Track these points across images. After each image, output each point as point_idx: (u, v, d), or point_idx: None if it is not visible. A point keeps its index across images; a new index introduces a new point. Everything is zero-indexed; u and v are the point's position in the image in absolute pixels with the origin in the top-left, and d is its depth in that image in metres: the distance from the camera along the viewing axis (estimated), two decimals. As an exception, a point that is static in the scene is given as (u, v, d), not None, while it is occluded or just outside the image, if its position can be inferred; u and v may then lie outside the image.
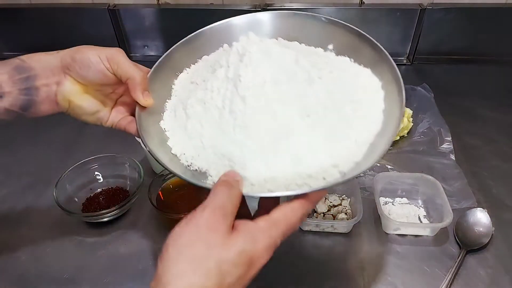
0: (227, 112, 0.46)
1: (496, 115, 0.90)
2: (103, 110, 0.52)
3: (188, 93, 0.51)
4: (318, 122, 0.45)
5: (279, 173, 0.43)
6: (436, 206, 0.67)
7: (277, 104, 0.44)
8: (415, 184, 0.71)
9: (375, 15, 1.04)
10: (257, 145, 0.44)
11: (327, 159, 0.43)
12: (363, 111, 0.47)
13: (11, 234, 0.68)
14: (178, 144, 0.48)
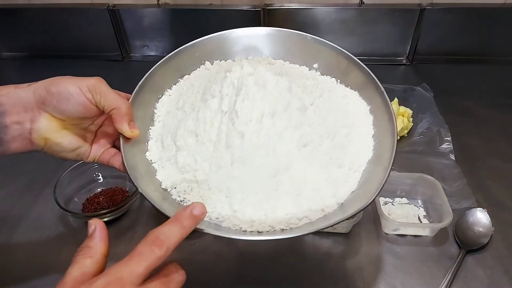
0: (223, 146, 0.45)
1: (496, 115, 0.90)
2: (84, 145, 0.48)
3: (177, 123, 0.49)
4: (314, 151, 0.45)
5: (280, 208, 0.42)
6: (436, 206, 0.67)
7: (275, 137, 0.44)
8: (414, 184, 0.71)
9: (374, 15, 1.04)
10: (256, 179, 0.43)
11: (324, 189, 0.44)
12: (354, 136, 0.48)
13: (10, 234, 0.68)
14: (169, 178, 0.46)
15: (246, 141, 0.44)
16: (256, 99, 0.46)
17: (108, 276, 0.32)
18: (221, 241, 0.66)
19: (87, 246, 0.35)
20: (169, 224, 0.35)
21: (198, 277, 0.61)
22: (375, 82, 0.50)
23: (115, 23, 1.10)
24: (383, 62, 1.11)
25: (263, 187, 0.43)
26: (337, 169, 0.45)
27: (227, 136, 0.45)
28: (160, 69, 0.53)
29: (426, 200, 0.70)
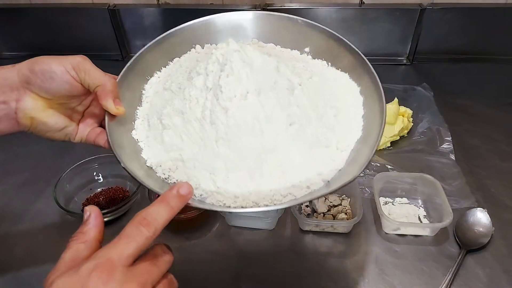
0: (207, 123, 0.44)
1: (496, 115, 0.90)
2: (70, 125, 0.48)
3: (163, 102, 0.49)
4: (301, 131, 0.44)
5: (264, 185, 0.42)
6: (436, 206, 0.67)
7: (261, 115, 0.44)
8: (414, 183, 0.71)
9: (375, 15, 1.04)
10: (241, 157, 0.43)
11: (311, 168, 0.43)
12: (343, 116, 0.47)
13: (10, 233, 0.68)
14: (154, 156, 0.46)
15: (230, 118, 0.43)
16: (241, 75, 0.45)
17: (97, 259, 0.32)
18: (221, 240, 0.66)
19: (81, 231, 0.35)
20: (156, 205, 0.35)
21: (198, 276, 0.61)
22: (365, 64, 0.49)
23: (115, 23, 1.10)
24: (383, 62, 1.11)
25: (248, 165, 0.43)
26: (325, 149, 0.45)
27: (212, 112, 0.44)
28: (149, 52, 0.53)
29: (426, 199, 0.70)
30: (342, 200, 0.70)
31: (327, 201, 0.70)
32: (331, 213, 0.68)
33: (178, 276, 0.61)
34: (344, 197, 0.71)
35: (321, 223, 0.65)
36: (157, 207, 0.35)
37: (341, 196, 0.71)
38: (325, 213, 0.69)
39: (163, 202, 0.35)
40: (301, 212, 0.69)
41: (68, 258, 0.34)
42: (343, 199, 0.70)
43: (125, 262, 0.32)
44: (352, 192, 0.69)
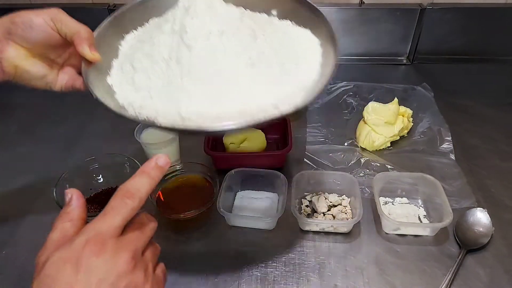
0: (174, 62, 0.48)
1: (496, 115, 0.90)
2: (51, 73, 0.52)
3: (135, 50, 0.52)
4: (262, 72, 0.48)
5: (224, 113, 0.45)
6: (436, 206, 0.67)
7: (223, 53, 0.47)
8: (415, 183, 0.71)
9: (375, 15, 1.04)
10: (203, 91, 0.46)
11: (269, 101, 0.46)
12: (302, 62, 0.51)
13: (10, 233, 0.68)
14: (126, 97, 0.49)
15: (194, 55, 0.47)
16: (205, 18, 0.48)
17: (87, 233, 0.33)
18: (221, 240, 0.66)
19: (65, 212, 0.36)
20: (137, 177, 0.37)
21: (198, 276, 0.61)
22: (324, 19, 0.53)
23: (115, 23, 1.09)
24: (383, 62, 1.11)
25: (210, 98, 0.46)
26: (284, 87, 0.48)
27: (177, 51, 0.48)
28: (128, 12, 0.56)
29: (426, 199, 0.70)
30: (342, 200, 0.70)
31: (327, 200, 0.70)
32: (331, 213, 0.68)
33: (178, 276, 0.61)
34: (344, 197, 0.71)
35: (321, 223, 0.65)
36: (139, 179, 0.36)
37: (341, 196, 0.71)
38: (325, 213, 0.69)
39: (144, 173, 0.37)
40: (301, 212, 0.69)
41: (55, 237, 0.35)
42: (343, 199, 0.70)
43: (114, 233, 0.34)
44: (352, 192, 0.69)
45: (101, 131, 0.90)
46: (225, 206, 0.68)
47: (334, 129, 0.87)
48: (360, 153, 0.81)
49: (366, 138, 0.81)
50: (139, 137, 0.74)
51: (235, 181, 0.73)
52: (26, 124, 0.93)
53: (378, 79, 1.03)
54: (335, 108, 0.94)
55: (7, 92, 1.04)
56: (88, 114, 0.96)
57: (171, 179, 0.74)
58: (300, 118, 0.90)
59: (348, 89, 0.99)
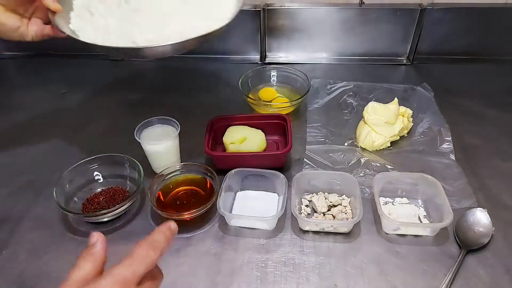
0: (123, 3, 0.66)
1: (496, 115, 0.90)
2: (23, 25, 0.65)
3: (89, 0, 0.67)
4: (193, 7, 0.66)
5: (167, 38, 0.60)
6: (436, 206, 0.67)
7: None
8: (415, 184, 0.71)
9: (375, 15, 1.04)
10: (150, 24, 0.63)
11: (200, 25, 0.62)
12: (219, 5, 0.68)
13: (11, 233, 0.68)
14: (89, 37, 0.63)
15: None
16: None
17: (114, 276, 0.35)
18: (221, 240, 0.66)
19: (89, 253, 0.39)
20: (156, 234, 0.40)
21: (198, 276, 0.61)
22: None
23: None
24: (383, 62, 1.11)
25: (155, 28, 0.63)
26: (213, 20, 0.64)
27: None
28: None
29: (426, 200, 0.70)
30: (342, 200, 0.70)
31: (327, 200, 0.70)
32: (331, 213, 0.68)
33: (179, 276, 0.61)
34: (344, 197, 0.71)
35: (321, 223, 0.65)
36: (158, 235, 0.40)
37: (341, 196, 0.71)
38: (325, 213, 0.69)
39: (161, 233, 0.41)
40: (301, 212, 0.69)
41: (78, 276, 0.36)
42: (343, 199, 0.70)
43: (136, 281, 0.36)
44: (352, 192, 0.69)
45: (101, 131, 0.90)
46: (225, 206, 0.68)
47: (334, 129, 0.87)
48: (360, 153, 0.81)
49: (366, 138, 0.81)
50: (139, 137, 0.74)
51: (235, 181, 0.73)
52: (26, 124, 0.93)
53: (378, 79, 1.03)
54: (335, 108, 0.94)
55: (7, 92, 1.04)
56: (88, 113, 0.96)
57: (171, 179, 0.74)
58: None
59: (348, 89, 0.99)
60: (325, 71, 1.09)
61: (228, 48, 1.13)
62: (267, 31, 1.08)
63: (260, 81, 1.01)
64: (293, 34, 1.09)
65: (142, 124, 0.76)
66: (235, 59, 1.14)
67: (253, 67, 1.00)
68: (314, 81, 1.02)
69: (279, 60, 1.13)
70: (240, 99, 0.98)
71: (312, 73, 1.06)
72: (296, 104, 0.91)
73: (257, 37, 1.09)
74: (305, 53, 1.13)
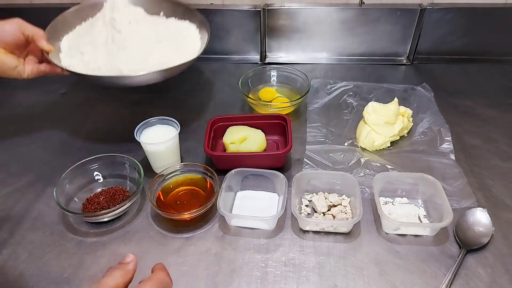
0: (110, 42, 0.78)
1: (496, 115, 0.90)
2: (20, 64, 0.74)
3: (77, 43, 0.81)
4: (167, 46, 0.82)
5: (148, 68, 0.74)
6: (436, 206, 0.67)
7: (141, 34, 0.80)
8: (415, 184, 0.71)
9: (375, 15, 1.04)
10: (134, 58, 0.77)
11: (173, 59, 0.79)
12: (189, 40, 0.87)
13: (11, 233, 0.68)
14: (81, 71, 0.75)
15: (123, 36, 0.79)
16: (125, 12, 0.81)
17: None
18: (221, 240, 0.66)
19: (123, 267, 0.42)
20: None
21: (198, 276, 0.61)
22: (196, 12, 0.90)
23: (115, 23, 1.10)
24: (383, 62, 1.11)
25: (138, 61, 0.77)
26: (180, 51, 0.82)
27: (112, 35, 0.79)
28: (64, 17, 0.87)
29: (426, 199, 0.70)
30: (342, 200, 0.70)
31: (327, 200, 0.70)
32: (331, 213, 0.68)
33: (179, 276, 0.61)
34: (344, 197, 0.71)
35: (321, 223, 0.65)
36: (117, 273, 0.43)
37: (341, 196, 0.71)
38: (325, 213, 0.69)
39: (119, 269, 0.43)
40: (301, 212, 0.69)
41: (111, 283, 0.40)
42: (343, 199, 0.70)
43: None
44: (352, 192, 0.69)
45: (101, 131, 0.90)
46: (225, 206, 0.68)
47: (334, 129, 0.87)
48: (360, 153, 0.81)
49: (366, 138, 0.81)
50: (139, 137, 0.74)
51: (235, 181, 0.73)
52: (26, 124, 0.93)
53: (378, 79, 1.03)
54: (335, 108, 0.94)
55: (7, 92, 1.04)
56: (88, 114, 0.96)
57: (171, 179, 0.74)
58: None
59: (348, 89, 0.99)
60: (325, 71, 1.09)
61: (228, 48, 1.13)
62: (267, 31, 1.09)
63: (260, 81, 1.01)
64: (293, 34, 1.09)
65: (142, 124, 0.76)
66: (235, 59, 1.14)
67: (253, 67, 1.01)
68: (314, 81, 1.02)
69: (279, 60, 1.13)
70: (240, 99, 0.98)
71: (312, 73, 1.06)
72: (296, 104, 0.91)
73: (257, 37, 1.09)
74: (305, 53, 1.13)
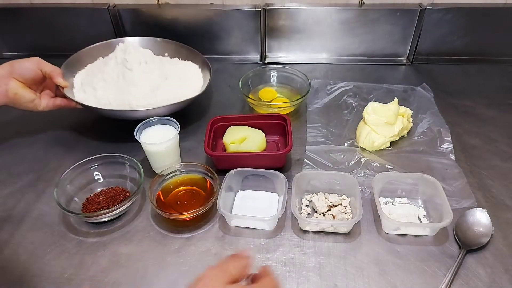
0: (121, 79, 0.86)
1: (496, 115, 0.91)
2: (36, 98, 0.81)
3: (90, 79, 0.89)
4: (172, 83, 0.89)
5: (157, 104, 0.82)
6: (436, 206, 0.67)
7: (149, 72, 0.87)
8: (415, 184, 0.71)
9: (375, 15, 1.04)
10: (143, 93, 0.84)
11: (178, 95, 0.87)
12: (192, 78, 0.95)
13: (11, 233, 0.68)
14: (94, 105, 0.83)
15: (134, 74, 0.86)
16: (136, 54, 0.88)
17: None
18: (221, 240, 0.66)
19: (245, 261, 0.44)
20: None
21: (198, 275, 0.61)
22: (198, 53, 0.99)
23: (115, 23, 1.10)
24: (383, 62, 1.11)
25: (146, 97, 0.84)
26: (184, 89, 0.90)
27: (123, 73, 0.86)
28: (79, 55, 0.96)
29: (426, 200, 0.70)
30: (342, 200, 0.70)
31: (327, 200, 0.70)
32: (331, 213, 0.68)
33: (179, 276, 0.61)
34: (344, 197, 0.71)
35: (321, 223, 0.65)
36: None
37: (341, 196, 0.71)
38: (325, 213, 0.69)
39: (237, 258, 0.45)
40: (301, 212, 0.69)
41: (233, 268, 0.42)
42: (343, 199, 0.70)
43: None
44: (352, 192, 0.69)
45: (101, 131, 0.90)
46: (225, 206, 0.68)
47: (334, 129, 0.87)
48: (360, 153, 0.81)
49: (366, 138, 0.81)
50: (139, 137, 0.74)
51: (235, 181, 0.73)
52: (26, 125, 0.92)
53: (378, 80, 1.03)
54: (335, 108, 0.94)
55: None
56: (88, 114, 0.96)
57: (171, 179, 0.74)
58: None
59: (348, 89, 0.99)
60: (325, 71, 1.09)
61: (228, 48, 1.13)
62: (267, 31, 1.09)
63: (260, 81, 1.01)
64: (293, 34, 1.09)
65: (142, 124, 0.76)
66: (235, 59, 1.14)
67: (253, 67, 1.01)
68: (314, 81, 1.02)
69: (279, 60, 1.13)
70: (240, 99, 0.98)
71: (312, 73, 1.06)
72: (296, 104, 0.92)
73: (257, 37, 1.09)
74: (305, 53, 1.13)
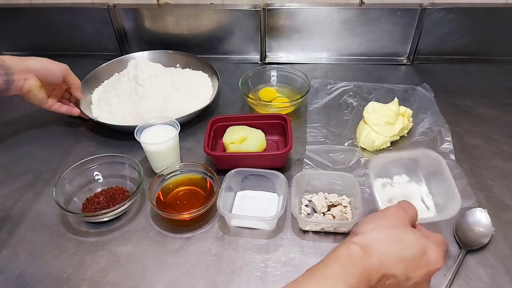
0: (133, 94, 0.90)
1: (497, 115, 0.90)
2: (46, 98, 0.84)
3: (106, 95, 0.94)
4: (182, 94, 0.92)
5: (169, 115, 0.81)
6: (441, 185, 0.64)
7: (160, 86, 0.91)
8: (415, 159, 0.68)
9: (375, 15, 1.04)
10: (154, 106, 0.88)
11: (189, 106, 0.90)
12: (202, 88, 0.97)
13: (10, 233, 0.68)
14: (109, 122, 0.87)
15: (145, 89, 0.89)
16: (146, 70, 0.92)
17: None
18: (221, 240, 0.66)
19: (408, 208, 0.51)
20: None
21: (198, 276, 0.61)
22: (207, 63, 1.02)
23: (115, 23, 1.10)
24: (384, 62, 1.11)
25: (158, 109, 0.87)
26: (194, 99, 0.93)
27: (135, 88, 0.90)
28: (96, 71, 1.02)
29: (428, 175, 0.67)
30: (342, 200, 0.70)
31: (327, 200, 0.70)
32: (331, 213, 0.68)
33: (179, 276, 0.61)
34: (344, 197, 0.71)
35: (321, 223, 0.65)
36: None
37: (341, 196, 0.71)
38: (325, 213, 0.69)
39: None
40: (301, 212, 0.69)
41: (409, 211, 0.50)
42: (343, 199, 0.70)
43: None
44: (352, 192, 0.69)
45: (101, 131, 0.90)
46: (225, 206, 0.68)
47: (334, 129, 0.87)
48: (360, 153, 0.81)
49: (366, 138, 0.81)
50: (139, 137, 0.74)
51: (235, 181, 0.73)
52: (26, 124, 0.93)
53: (378, 79, 1.03)
54: (335, 108, 0.94)
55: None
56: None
57: (171, 179, 0.74)
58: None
59: (348, 89, 0.99)
60: (325, 71, 1.09)
61: (228, 48, 1.13)
62: (267, 31, 1.09)
63: (260, 81, 1.01)
64: (293, 34, 1.09)
65: (142, 124, 0.76)
66: (235, 59, 1.14)
67: (253, 67, 1.00)
68: (314, 81, 1.02)
69: (279, 60, 1.13)
70: (240, 99, 0.98)
71: (312, 73, 1.06)
72: (296, 104, 0.91)
73: (257, 37, 1.09)
74: (305, 53, 1.13)
